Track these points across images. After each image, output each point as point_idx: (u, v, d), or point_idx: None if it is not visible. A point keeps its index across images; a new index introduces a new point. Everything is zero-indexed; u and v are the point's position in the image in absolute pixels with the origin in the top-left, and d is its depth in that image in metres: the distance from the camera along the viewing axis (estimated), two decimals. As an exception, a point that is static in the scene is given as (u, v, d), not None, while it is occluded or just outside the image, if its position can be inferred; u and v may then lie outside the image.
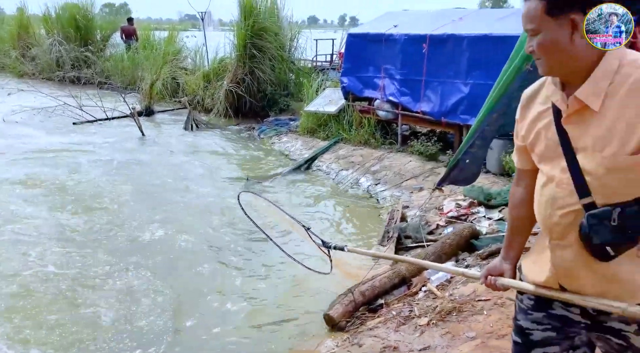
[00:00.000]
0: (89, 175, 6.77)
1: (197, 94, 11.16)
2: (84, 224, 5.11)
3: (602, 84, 1.16)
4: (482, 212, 4.84)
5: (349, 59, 7.98)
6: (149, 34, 14.76)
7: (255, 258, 4.56)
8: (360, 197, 6.29)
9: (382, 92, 7.42)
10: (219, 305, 3.76)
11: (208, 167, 7.50)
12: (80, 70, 14.51)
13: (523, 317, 1.44)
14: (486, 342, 2.68)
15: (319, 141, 8.25)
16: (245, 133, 9.83)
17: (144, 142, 8.91)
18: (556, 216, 1.27)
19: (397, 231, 4.72)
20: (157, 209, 5.59)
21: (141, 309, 3.65)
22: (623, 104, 1.14)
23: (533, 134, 1.33)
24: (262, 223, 2.51)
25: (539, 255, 1.37)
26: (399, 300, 3.54)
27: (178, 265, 4.37)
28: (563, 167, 1.24)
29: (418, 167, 6.48)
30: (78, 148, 8.15)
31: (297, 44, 11.58)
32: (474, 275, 1.58)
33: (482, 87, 5.75)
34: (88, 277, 4.07)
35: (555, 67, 1.23)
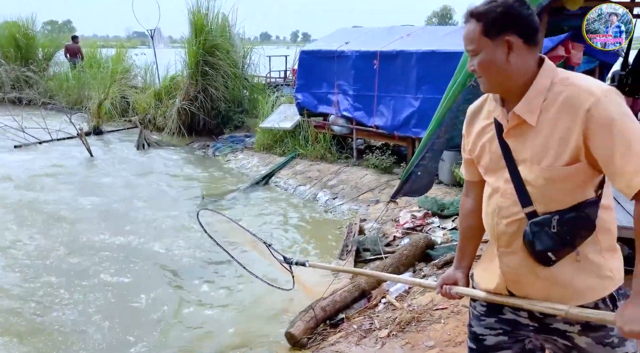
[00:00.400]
0: (32, 200, 6.41)
1: (148, 113, 10.90)
2: (32, 250, 4.82)
3: (536, 100, 1.25)
4: (436, 222, 4.99)
5: (303, 75, 8.08)
6: (95, 52, 14.33)
7: (213, 279, 4.46)
8: (318, 212, 6.31)
9: (336, 108, 7.54)
10: (176, 330, 3.64)
11: (161, 187, 7.30)
12: (21, 91, 13.82)
13: (476, 323, 1.49)
14: (444, 350, 2.74)
15: (275, 157, 8.24)
16: (200, 151, 9.67)
17: (92, 163, 8.57)
18: (502, 225, 1.34)
19: (355, 244, 4.76)
20: (107, 233, 5.36)
21: (90, 338, 3.47)
22: (556, 119, 1.23)
23: (478, 148, 1.40)
24: (221, 242, 2.46)
25: (488, 263, 1.44)
26: (360, 314, 3.57)
27: (129, 290, 4.19)
28: (506, 178, 1.32)
29: (374, 180, 6.60)
30: (20, 172, 7.72)
31: (250, 61, 11.60)
32: (430, 285, 1.63)
33: (431, 101, 5.98)
34: (32, 308, 3.84)
35: (494, 85, 1.30)
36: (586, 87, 1.20)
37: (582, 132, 1.18)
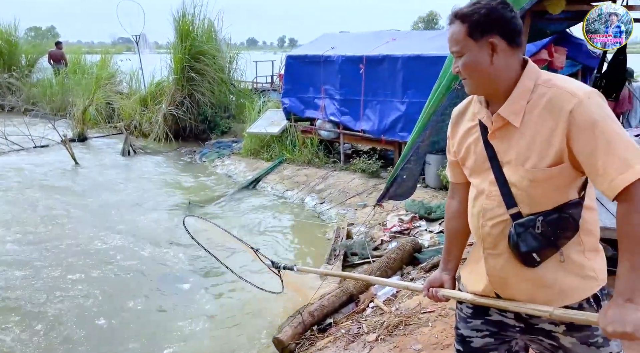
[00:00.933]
0: (14, 207, 6.29)
1: (134, 119, 10.79)
2: (18, 256, 4.72)
3: (521, 102, 1.26)
4: (423, 225, 5.00)
5: (289, 80, 8.08)
6: (79, 58, 14.18)
7: (201, 284, 4.41)
8: (306, 217, 6.29)
9: (323, 112, 7.55)
10: (162, 336, 3.58)
11: (147, 194, 7.22)
12: (3, 98, 13.60)
13: (463, 326, 1.49)
14: (433, 353, 2.73)
15: (262, 162, 8.21)
16: (187, 157, 9.59)
17: (77, 170, 8.44)
18: (487, 226, 1.34)
19: (343, 249, 4.75)
20: (91, 240, 5.28)
21: (81, 345, 3.40)
22: (539, 121, 1.23)
23: (463, 149, 1.40)
24: (209, 247, 2.43)
25: (474, 265, 1.44)
26: (348, 318, 3.55)
27: (114, 298, 4.12)
28: (491, 180, 1.32)
29: (361, 184, 6.61)
30: (3, 180, 7.57)
31: (236, 66, 11.57)
32: (416, 288, 1.62)
33: (417, 105, 6.01)
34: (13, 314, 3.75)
35: (479, 86, 1.31)
36: (569, 89, 1.21)
37: (565, 134, 1.19)
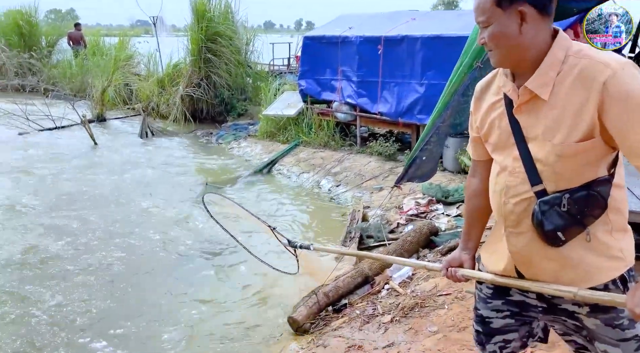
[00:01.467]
0: (39, 187, 6.42)
1: (152, 100, 10.85)
2: (37, 238, 4.82)
3: (550, 73, 1.19)
4: (440, 209, 4.94)
5: (306, 61, 7.99)
6: (98, 40, 14.27)
7: (217, 264, 4.45)
8: (321, 199, 6.28)
9: (339, 94, 7.47)
10: (180, 314, 3.63)
11: (164, 175, 7.29)
12: (24, 78, 13.80)
13: (483, 306, 1.45)
14: (448, 336, 2.71)
15: (278, 145, 8.20)
16: (203, 139, 9.63)
17: (96, 151, 8.55)
18: (510, 204, 1.29)
19: (359, 231, 4.73)
20: (114, 219, 5.36)
21: (102, 318, 3.47)
22: (570, 93, 1.17)
23: (487, 125, 1.35)
24: (225, 227, 2.43)
25: (495, 244, 1.40)
26: (363, 299, 3.55)
27: (137, 274, 4.19)
28: (515, 156, 1.27)
29: (377, 167, 6.55)
30: (25, 160, 7.72)
31: (253, 48, 11.50)
32: (435, 267, 1.59)
33: (437, 87, 5.89)
34: (41, 293, 3.84)
35: (505, 58, 1.25)
36: (602, 59, 1.14)
37: (597, 106, 1.13)
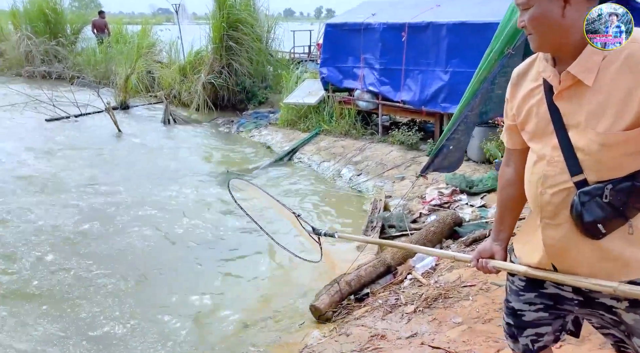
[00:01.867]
0: (65, 173, 6.56)
1: (173, 88, 10.94)
2: (62, 224, 4.94)
3: (595, 58, 1.14)
4: (464, 199, 4.87)
5: (328, 49, 7.91)
6: (121, 28, 14.41)
7: (239, 251, 4.49)
8: (342, 189, 6.26)
9: (361, 82, 7.39)
10: (204, 301, 3.68)
11: (187, 162, 7.37)
12: (50, 65, 14.07)
13: (515, 299, 1.42)
14: (473, 327, 2.68)
15: (299, 133, 8.18)
16: (224, 127, 9.68)
17: (120, 137, 8.69)
18: (547, 195, 1.25)
19: (380, 221, 4.70)
20: (138, 206, 5.45)
21: (126, 303, 3.54)
22: (616, 79, 1.12)
23: (524, 112, 1.30)
24: (248, 214, 2.44)
25: (530, 235, 1.35)
26: (385, 289, 3.53)
27: (160, 261, 4.26)
28: (554, 144, 1.22)
29: (399, 156, 6.48)
30: (53, 145, 7.90)
31: (274, 36, 11.45)
32: (464, 258, 1.56)
33: (462, 75, 5.78)
34: (70, 278, 3.94)
35: (546, 42, 1.19)
36: None
37: None
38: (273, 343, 3.16)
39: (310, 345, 2.90)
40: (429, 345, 2.56)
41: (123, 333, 3.26)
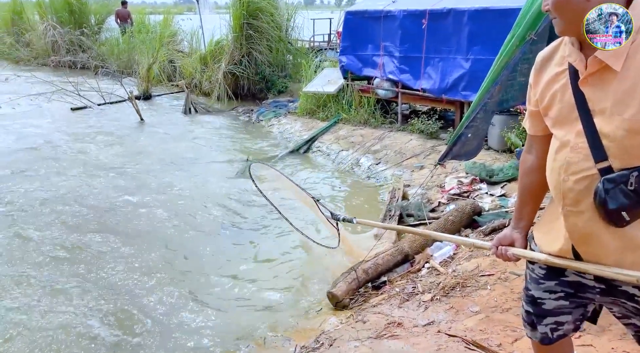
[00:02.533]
0: (91, 160, 6.72)
1: (194, 77, 11.03)
2: (86, 212, 5.08)
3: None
4: (484, 188, 4.81)
5: (347, 37, 7.85)
6: (143, 18, 14.56)
7: (258, 238, 4.55)
8: (361, 177, 6.25)
9: (381, 71, 7.32)
10: (221, 287, 3.75)
11: (207, 151, 7.46)
12: (75, 55, 14.34)
13: (535, 287, 1.41)
14: (491, 316, 2.67)
15: (318, 122, 8.17)
16: (244, 116, 9.74)
17: (143, 126, 8.83)
18: (570, 182, 1.23)
19: (398, 209, 4.69)
20: (160, 193, 5.56)
21: (143, 287, 3.64)
22: None
23: (548, 97, 1.28)
24: (267, 200, 2.46)
25: (551, 223, 1.34)
26: (402, 277, 3.53)
27: (180, 247, 4.34)
28: (578, 130, 1.20)
29: (419, 145, 6.43)
30: (79, 132, 8.08)
31: (293, 24, 11.40)
32: (484, 245, 1.55)
33: (483, 62, 5.67)
34: (97, 256, 4.06)
35: (571, 25, 1.17)
36: None
37: None
38: (291, 328, 3.21)
39: (328, 331, 2.93)
40: (446, 333, 2.56)
41: (146, 306, 3.35)
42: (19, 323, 3.19)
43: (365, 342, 2.61)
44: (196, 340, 3.12)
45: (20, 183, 5.72)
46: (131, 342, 3.09)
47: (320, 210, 2.04)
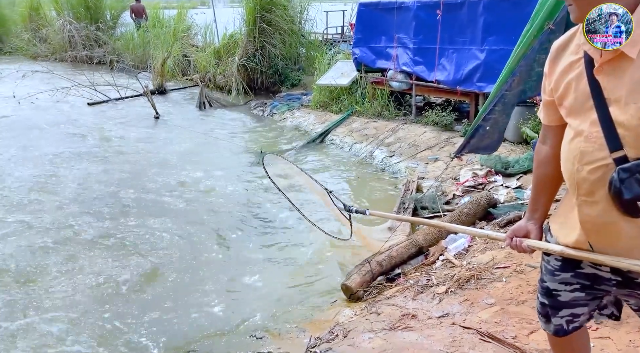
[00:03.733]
0: (109, 155, 6.83)
1: (208, 71, 11.09)
2: (105, 201, 5.17)
3: (639, 31, 1.09)
4: (499, 180, 4.77)
5: (361, 29, 7.80)
6: (157, 12, 14.67)
7: (271, 230, 4.58)
8: (374, 170, 6.24)
9: (395, 62, 7.27)
10: (236, 279, 3.79)
11: (221, 144, 7.51)
12: (92, 50, 14.53)
13: (550, 279, 1.40)
14: (506, 308, 2.66)
15: (331, 115, 8.17)
16: (258, 109, 9.77)
17: (158, 120, 8.93)
18: (584, 171, 1.21)
19: (412, 202, 4.67)
20: (175, 185, 5.64)
21: (152, 273, 3.71)
22: None
23: (562, 86, 1.26)
24: (279, 193, 2.49)
25: (566, 214, 1.33)
26: (416, 270, 3.53)
27: (190, 238, 4.39)
28: (593, 119, 1.18)
29: (433, 137, 6.38)
30: (96, 127, 8.22)
31: (307, 17, 11.37)
32: (498, 236, 1.54)
33: (498, 53, 5.60)
34: (115, 245, 4.14)
35: (587, 13, 1.15)
36: None
37: None
38: (305, 319, 3.24)
39: (342, 323, 2.95)
40: (460, 325, 2.56)
41: (159, 291, 3.42)
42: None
43: (379, 334, 2.63)
44: (211, 330, 3.17)
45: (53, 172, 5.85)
46: (150, 323, 3.17)
47: (333, 202, 2.05)
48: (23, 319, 3.22)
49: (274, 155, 4.38)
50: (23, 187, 5.54)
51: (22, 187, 5.54)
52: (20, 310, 3.30)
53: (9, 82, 10.62)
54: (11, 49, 17.15)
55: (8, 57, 16.52)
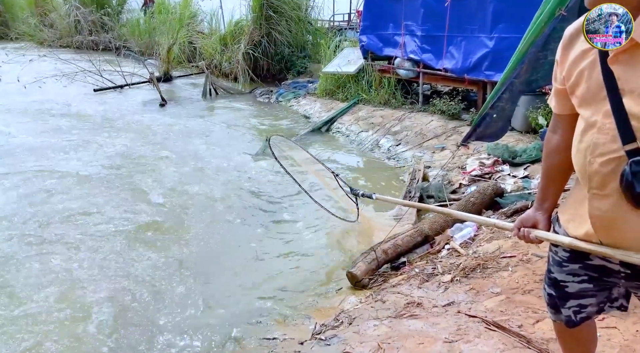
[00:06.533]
0: (115, 142, 6.85)
1: (214, 58, 11.04)
2: (110, 194, 5.20)
3: None
4: (506, 170, 4.74)
5: (368, 16, 7.72)
6: (163, 0, 14.61)
7: (277, 217, 4.59)
8: (381, 158, 6.22)
9: (402, 50, 7.20)
10: (241, 267, 3.81)
11: (226, 131, 7.52)
12: (98, 36, 14.51)
13: (558, 270, 1.39)
14: (511, 297, 2.66)
15: (338, 103, 8.13)
16: (264, 97, 9.74)
17: (164, 107, 8.93)
18: (596, 164, 1.20)
19: (419, 191, 4.67)
20: (182, 173, 5.65)
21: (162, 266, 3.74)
22: None
23: (575, 75, 1.24)
24: (287, 178, 2.48)
25: (576, 206, 1.31)
26: (422, 258, 3.54)
27: (196, 225, 4.40)
28: (606, 111, 1.16)
29: (440, 126, 6.34)
30: (103, 114, 8.24)
31: (313, 4, 11.28)
32: (505, 226, 1.53)
33: (507, 41, 5.53)
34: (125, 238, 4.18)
35: (600, 0, 1.13)
36: None
37: None
38: (310, 307, 3.26)
39: (347, 310, 2.97)
40: (466, 313, 2.56)
41: (166, 285, 3.45)
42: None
43: (384, 321, 2.64)
44: (217, 317, 3.20)
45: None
46: (158, 308, 3.20)
47: (340, 185, 2.05)
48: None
49: (281, 138, 4.35)
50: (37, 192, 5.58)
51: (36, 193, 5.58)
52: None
53: (15, 68, 10.65)
54: (18, 34, 17.15)
55: (15, 43, 16.53)
